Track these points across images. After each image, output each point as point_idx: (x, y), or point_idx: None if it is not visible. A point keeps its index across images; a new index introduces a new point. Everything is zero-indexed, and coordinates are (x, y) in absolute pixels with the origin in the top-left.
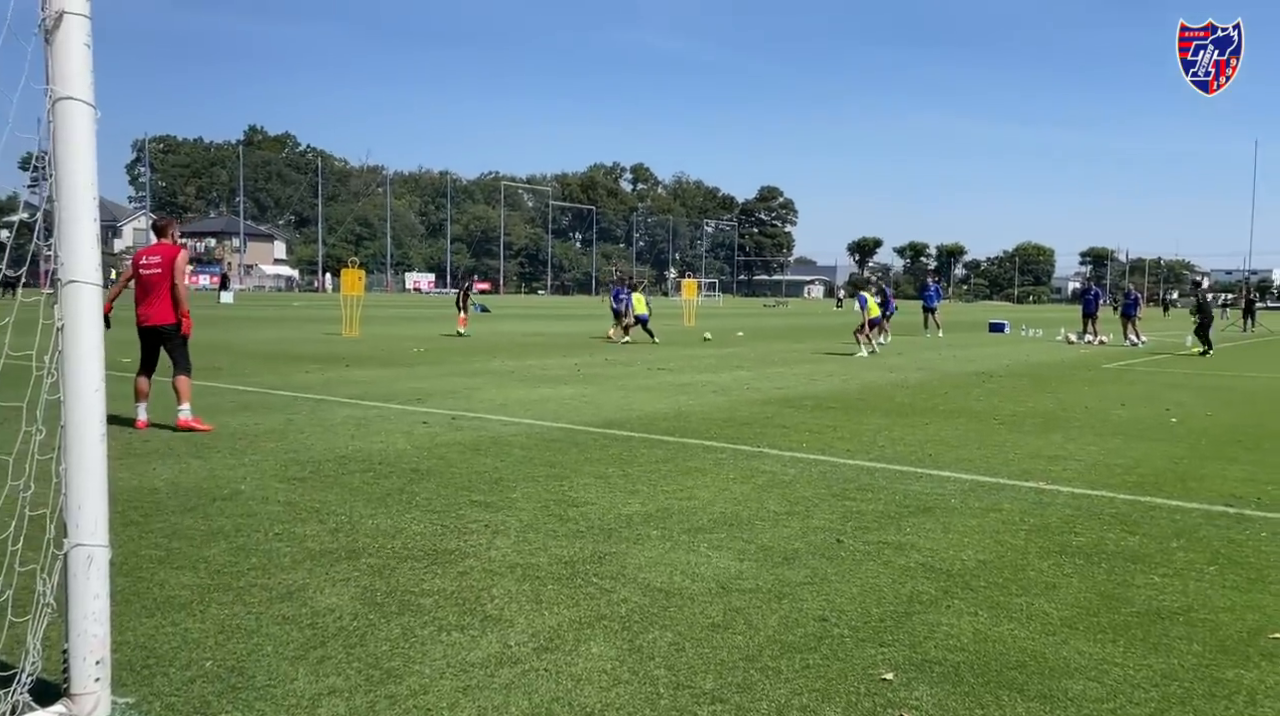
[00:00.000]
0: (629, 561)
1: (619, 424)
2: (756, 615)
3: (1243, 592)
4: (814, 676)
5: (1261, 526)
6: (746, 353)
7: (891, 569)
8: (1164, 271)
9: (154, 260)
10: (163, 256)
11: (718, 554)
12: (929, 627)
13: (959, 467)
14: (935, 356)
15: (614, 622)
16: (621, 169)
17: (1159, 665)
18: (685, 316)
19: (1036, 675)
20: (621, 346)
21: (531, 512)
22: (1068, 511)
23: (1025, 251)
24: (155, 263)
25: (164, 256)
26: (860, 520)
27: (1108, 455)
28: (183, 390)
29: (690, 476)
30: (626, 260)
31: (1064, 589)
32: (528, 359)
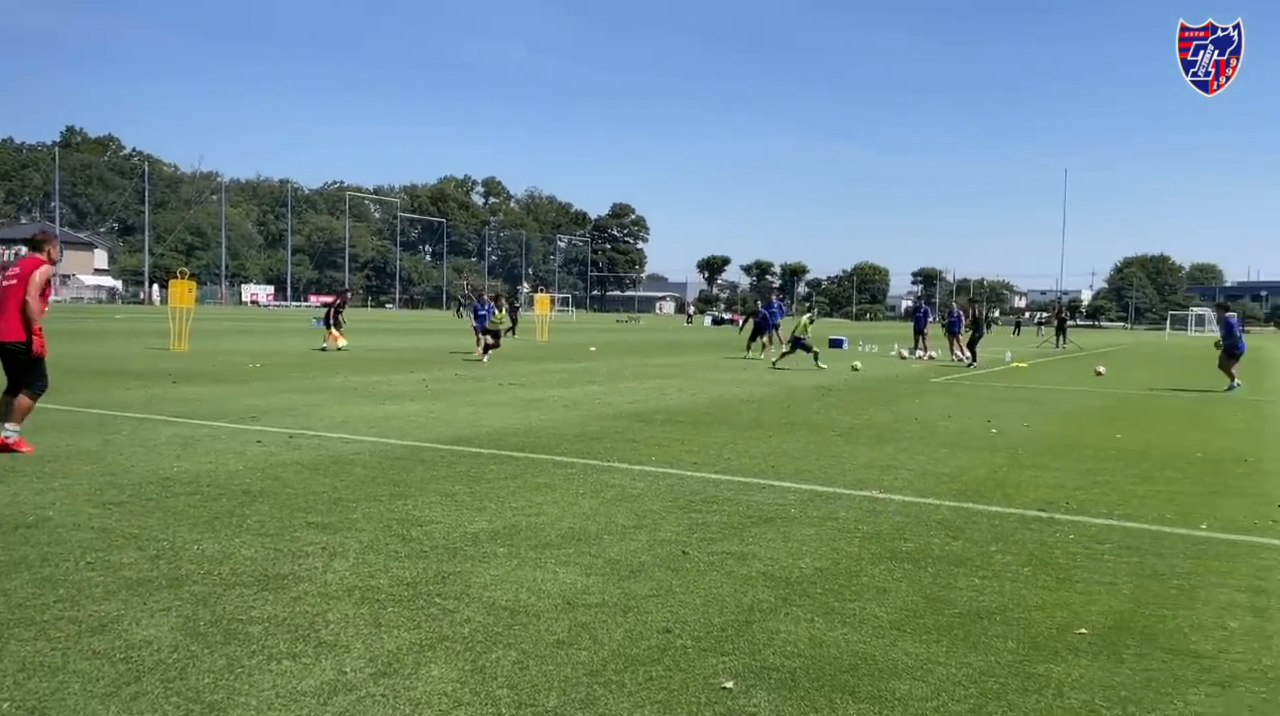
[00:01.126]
0: (474, 580)
1: (467, 440)
2: (601, 629)
3: (1052, 591)
4: (657, 688)
5: (1070, 529)
6: (599, 367)
7: (734, 578)
8: (986, 291)
9: (13, 272)
10: (22, 269)
11: (565, 569)
12: (768, 635)
13: (799, 478)
14: (780, 371)
15: (456, 643)
16: (473, 182)
17: (978, 662)
18: (538, 331)
19: (867, 677)
20: (476, 362)
21: (372, 533)
22: (898, 518)
23: (863, 271)
24: (14, 274)
25: (23, 269)
26: (705, 531)
27: (935, 464)
28: (19, 409)
29: (539, 492)
30: (479, 274)
31: (894, 593)
32: (373, 375)
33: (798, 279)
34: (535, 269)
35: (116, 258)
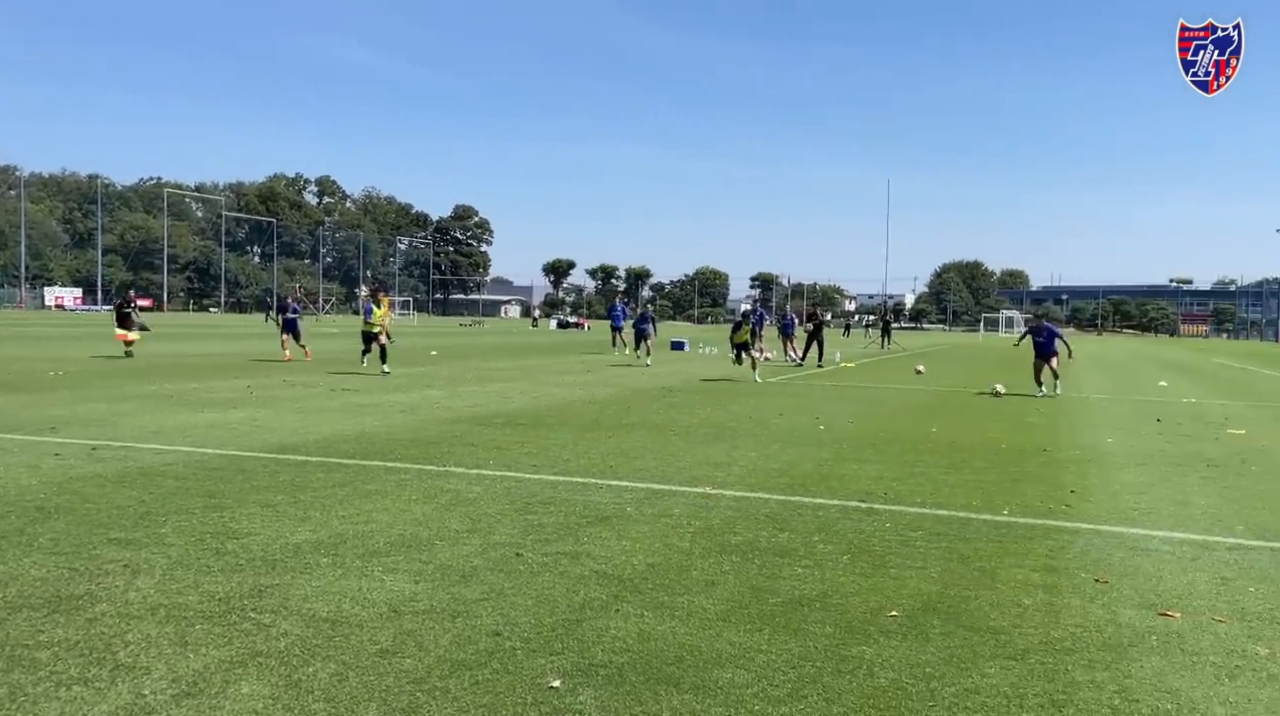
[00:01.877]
0: (293, 592)
1: (293, 448)
2: (429, 636)
3: (868, 577)
4: (483, 692)
5: (886, 518)
6: (439, 371)
7: (567, 578)
8: (818, 295)
9: None
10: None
11: (392, 577)
12: (598, 633)
13: (636, 477)
14: (623, 373)
15: (271, 659)
16: (306, 181)
17: (797, 648)
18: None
19: (692, 668)
20: (302, 366)
21: (183, 548)
22: (729, 513)
23: (705, 275)
24: None
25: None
26: (541, 533)
27: (766, 460)
28: None
29: (369, 499)
30: (313, 276)
31: (721, 585)
32: (192, 382)
33: (642, 282)
34: (374, 271)
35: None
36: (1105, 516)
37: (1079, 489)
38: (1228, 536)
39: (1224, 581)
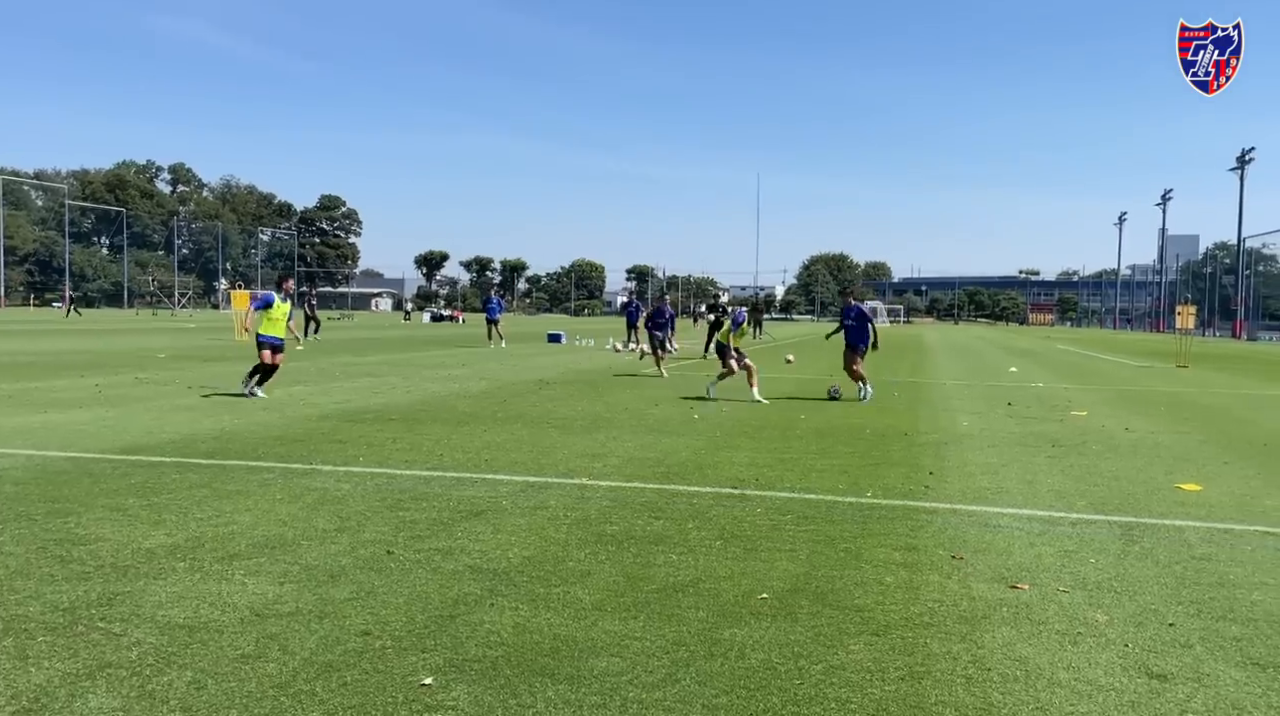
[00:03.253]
0: (146, 600)
1: (146, 449)
2: (294, 639)
3: (740, 561)
4: (351, 693)
5: (758, 504)
6: (306, 367)
7: (440, 574)
8: (693, 287)
9: None
10: None
11: (254, 580)
12: (471, 627)
13: (512, 470)
14: (498, 366)
15: (121, 669)
16: (158, 168)
17: (671, 633)
18: (237, 330)
19: (567, 658)
20: (165, 365)
21: (22, 557)
22: (606, 503)
23: (581, 267)
24: None
25: None
26: (413, 529)
27: (642, 450)
28: None
29: (229, 500)
30: (168, 268)
31: (597, 574)
32: (31, 381)
33: (518, 275)
34: (235, 264)
35: None
36: (961, 496)
37: (937, 470)
38: (1070, 512)
39: (1067, 554)
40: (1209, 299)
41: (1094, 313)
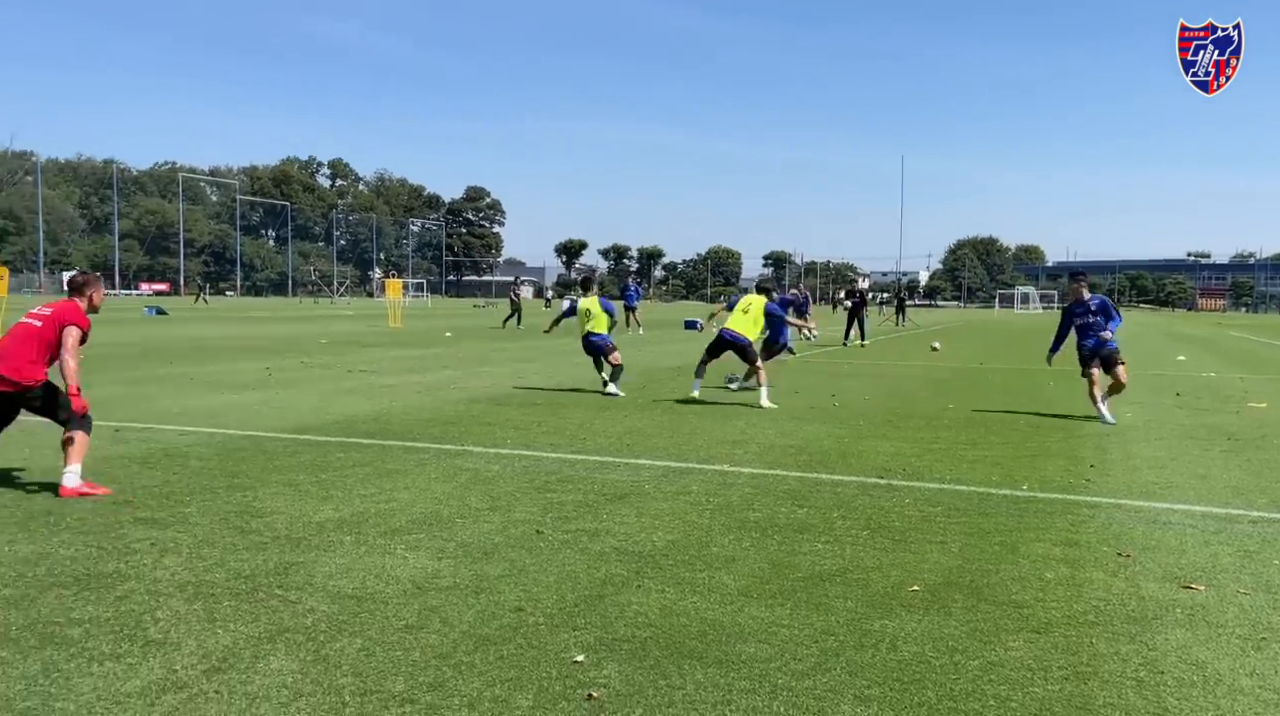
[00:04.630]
0: (318, 570)
1: (314, 429)
2: (452, 612)
3: (888, 553)
4: (508, 666)
5: (905, 494)
6: (455, 352)
7: (588, 555)
8: (832, 272)
9: (43, 312)
10: (55, 313)
11: (415, 554)
12: (620, 608)
13: (653, 455)
14: (635, 352)
15: (298, 635)
16: (319, 164)
17: (819, 622)
18: (391, 317)
19: (715, 642)
20: (324, 348)
21: (207, 527)
22: (748, 490)
23: (717, 254)
24: (43, 315)
25: (56, 314)
26: (560, 510)
27: (783, 437)
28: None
29: (389, 478)
30: (327, 259)
31: (741, 561)
32: (211, 364)
33: (654, 262)
34: (387, 253)
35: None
36: (1126, 490)
37: (1098, 463)
38: (1250, 510)
39: (1248, 554)
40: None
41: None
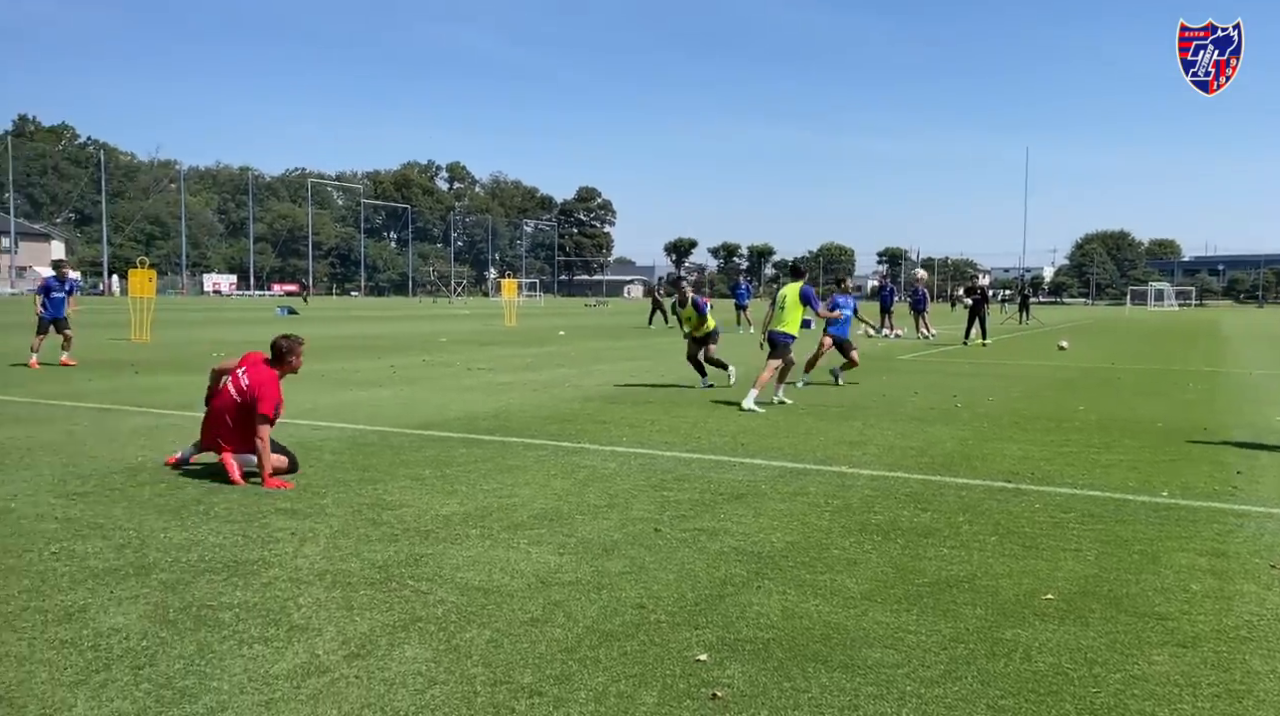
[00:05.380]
0: (446, 562)
1: (437, 425)
2: (576, 607)
3: (1019, 559)
4: (631, 662)
5: (1035, 499)
6: (568, 351)
7: (706, 554)
8: (950, 269)
9: (245, 382)
10: (255, 381)
11: (537, 549)
12: (740, 608)
13: (769, 455)
14: (748, 352)
15: (430, 624)
16: (437, 167)
17: (947, 630)
18: (506, 316)
19: (839, 646)
20: (446, 348)
21: (342, 518)
22: (867, 492)
23: (829, 251)
24: (247, 388)
25: (257, 382)
26: (677, 509)
27: (903, 439)
28: None
29: (510, 474)
30: (445, 260)
31: (863, 564)
32: (338, 362)
33: (764, 260)
34: (502, 254)
35: (74, 248)
36: (1278, 499)
37: (1246, 470)
38: None
39: None
40: None
41: None
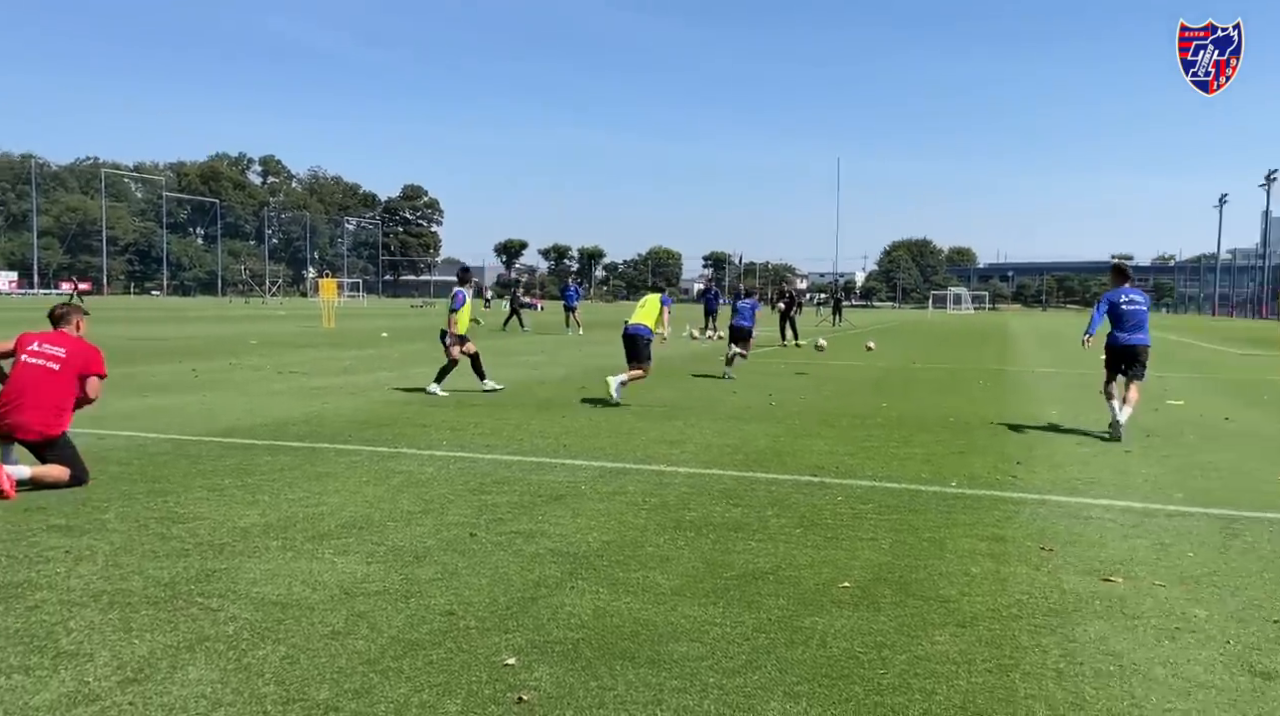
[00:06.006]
0: (241, 576)
1: (241, 432)
2: (381, 617)
3: (820, 550)
4: (437, 671)
5: (838, 492)
6: (391, 353)
7: (521, 557)
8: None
9: (52, 352)
10: (70, 352)
11: (343, 559)
12: (553, 610)
13: (591, 456)
14: (576, 353)
15: (219, 643)
16: (249, 160)
17: (751, 620)
18: (325, 317)
19: (647, 642)
20: (253, 350)
21: (125, 534)
22: (684, 490)
23: (657, 254)
24: (54, 356)
25: (71, 353)
26: (495, 512)
27: (720, 437)
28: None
29: (319, 481)
30: (259, 258)
31: (675, 560)
32: (132, 366)
33: (595, 262)
34: (321, 253)
35: None
36: (1050, 486)
37: (1024, 460)
38: (1167, 504)
39: (1163, 547)
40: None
41: (1191, 298)
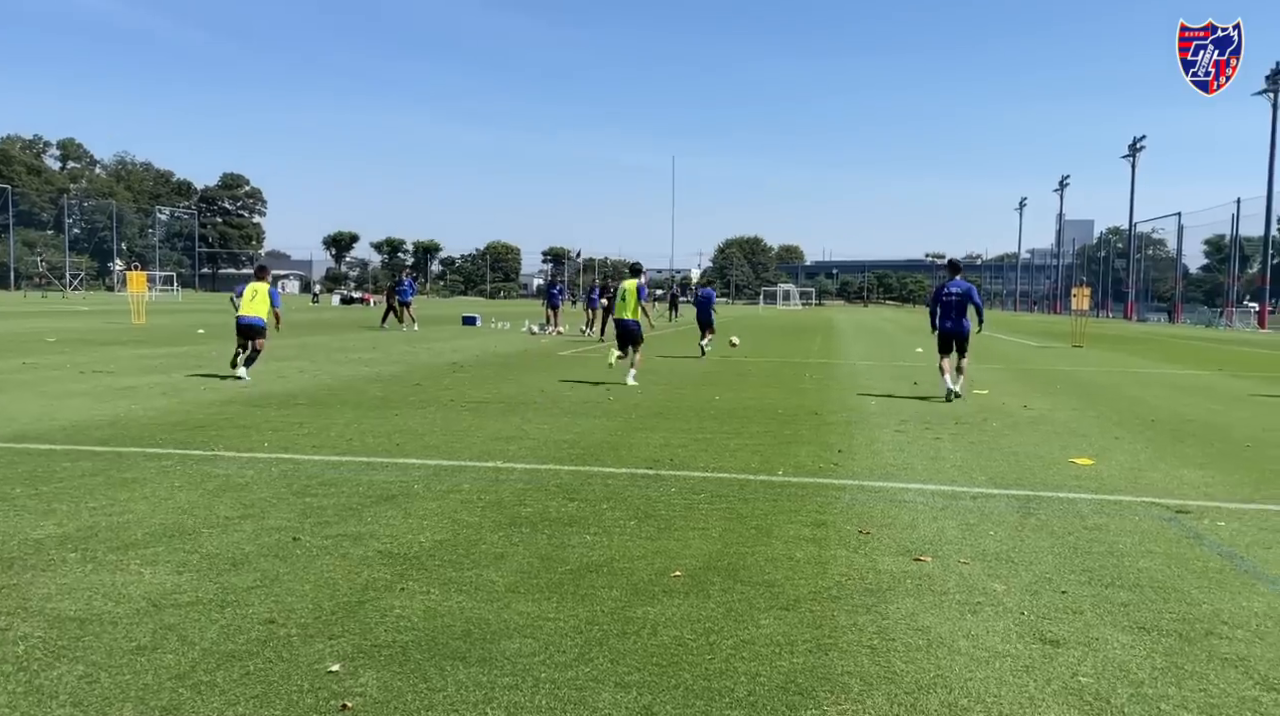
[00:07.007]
0: (33, 592)
1: (35, 437)
2: (193, 629)
3: (654, 541)
4: (254, 683)
5: (672, 483)
6: (208, 351)
7: (349, 561)
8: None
9: None
10: None
11: (151, 570)
12: (381, 613)
13: (425, 454)
14: (410, 349)
15: (6, 665)
16: (46, 143)
17: (584, 614)
18: (134, 313)
19: (479, 641)
20: (54, 349)
21: None
22: (520, 486)
23: (496, 249)
24: None
25: None
26: (321, 515)
27: (557, 432)
28: None
29: (125, 488)
30: (58, 249)
31: (510, 557)
32: None
33: (431, 257)
34: (131, 244)
35: None
36: (868, 472)
37: (845, 448)
38: (972, 486)
39: (968, 527)
40: (1103, 282)
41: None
